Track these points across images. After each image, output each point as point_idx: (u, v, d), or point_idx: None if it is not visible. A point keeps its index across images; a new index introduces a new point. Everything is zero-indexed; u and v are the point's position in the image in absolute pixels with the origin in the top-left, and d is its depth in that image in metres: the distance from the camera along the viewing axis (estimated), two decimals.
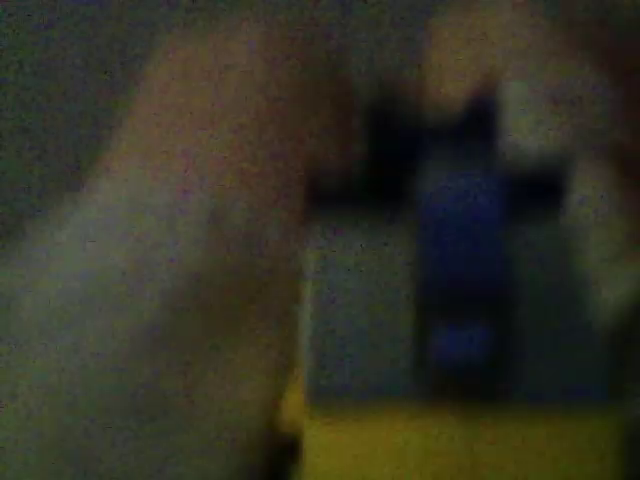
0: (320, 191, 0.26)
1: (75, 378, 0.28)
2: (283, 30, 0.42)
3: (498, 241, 0.19)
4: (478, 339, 0.19)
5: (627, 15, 0.41)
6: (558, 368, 0.21)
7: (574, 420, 0.20)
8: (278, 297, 0.31)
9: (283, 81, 0.39)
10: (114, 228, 0.32)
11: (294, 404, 0.25)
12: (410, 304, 0.21)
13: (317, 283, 0.24)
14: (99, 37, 1.03)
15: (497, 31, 0.42)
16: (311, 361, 0.22)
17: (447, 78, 0.44)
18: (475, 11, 0.46)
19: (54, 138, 0.96)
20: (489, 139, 0.24)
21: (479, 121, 0.24)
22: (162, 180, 0.33)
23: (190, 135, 0.36)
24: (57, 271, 0.31)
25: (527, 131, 0.35)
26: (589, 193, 0.30)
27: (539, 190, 0.25)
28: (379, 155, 0.25)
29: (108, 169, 0.37)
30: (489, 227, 0.19)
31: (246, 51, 0.39)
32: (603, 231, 0.31)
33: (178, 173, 0.34)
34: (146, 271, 0.30)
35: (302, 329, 0.24)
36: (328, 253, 0.25)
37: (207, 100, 0.37)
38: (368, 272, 0.24)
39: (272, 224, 0.32)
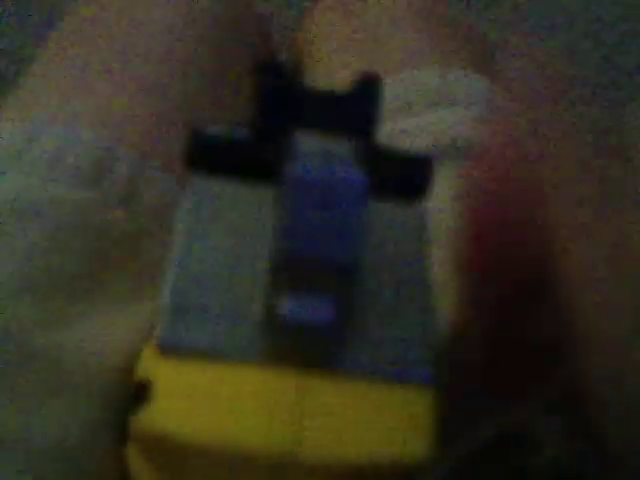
0: (204, 145, 0.26)
1: None
2: None
3: (355, 222, 0.20)
4: (322, 307, 0.20)
5: None
6: (388, 345, 0.23)
7: (391, 391, 0.22)
8: (153, 255, 0.31)
9: (203, 36, 0.38)
10: (3, 164, 0.32)
11: (149, 353, 0.25)
12: (268, 267, 0.22)
13: (184, 232, 0.24)
14: None
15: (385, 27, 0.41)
16: (166, 310, 0.22)
17: (335, 63, 0.44)
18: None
19: None
20: (364, 123, 0.25)
21: (358, 104, 0.25)
22: (54, 121, 0.33)
23: (92, 81, 0.35)
24: None
25: (397, 132, 0.36)
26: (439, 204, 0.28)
27: (401, 180, 0.26)
28: (264, 111, 0.25)
29: (9, 109, 0.36)
30: (348, 208, 0.20)
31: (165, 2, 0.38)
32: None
33: (71, 116, 0.33)
34: (30, 208, 0.30)
35: (164, 278, 0.24)
36: (201, 203, 0.25)
37: (119, 47, 0.37)
38: (236, 229, 0.25)
39: (155, 180, 0.32)
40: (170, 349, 0.22)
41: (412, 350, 0.23)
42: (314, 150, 0.21)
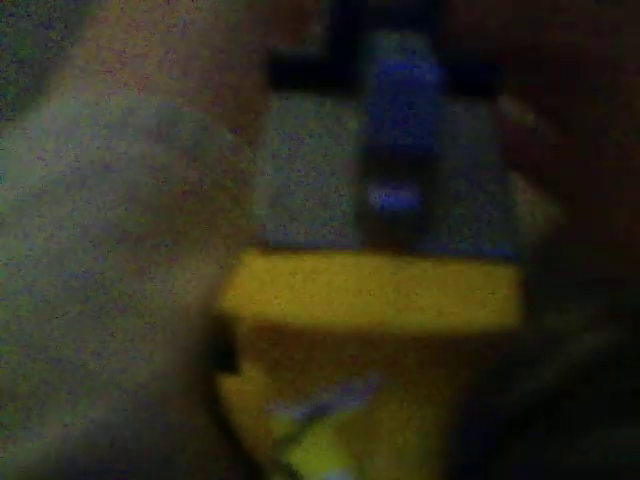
0: (278, 66, 0.28)
1: (20, 270, 0.28)
2: None
3: (433, 114, 0.22)
4: (407, 194, 0.23)
5: None
6: (473, 224, 0.25)
7: (480, 268, 0.24)
8: (225, 210, 0.32)
9: None
10: (69, 131, 0.32)
11: (235, 294, 0.27)
12: (354, 165, 0.24)
13: (273, 147, 0.27)
14: None
15: None
16: (267, 215, 0.25)
17: None
18: None
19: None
20: (431, 24, 0.27)
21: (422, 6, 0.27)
22: (116, 86, 0.34)
23: (145, 46, 0.36)
24: (15, 174, 0.32)
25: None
26: None
27: (472, 81, 0.29)
28: (338, 25, 0.27)
29: (64, 80, 0.36)
30: (427, 101, 0.22)
31: None
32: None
33: (132, 80, 0.34)
34: (103, 168, 0.30)
35: (259, 190, 0.27)
36: (285, 121, 0.28)
37: (164, 10, 0.36)
38: (321, 139, 0.28)
39: (221, 136, 0.33)
40: (276, 245, 0.24)
41: (495, 230, 0.25)
42: (393, 47, 0.24)
